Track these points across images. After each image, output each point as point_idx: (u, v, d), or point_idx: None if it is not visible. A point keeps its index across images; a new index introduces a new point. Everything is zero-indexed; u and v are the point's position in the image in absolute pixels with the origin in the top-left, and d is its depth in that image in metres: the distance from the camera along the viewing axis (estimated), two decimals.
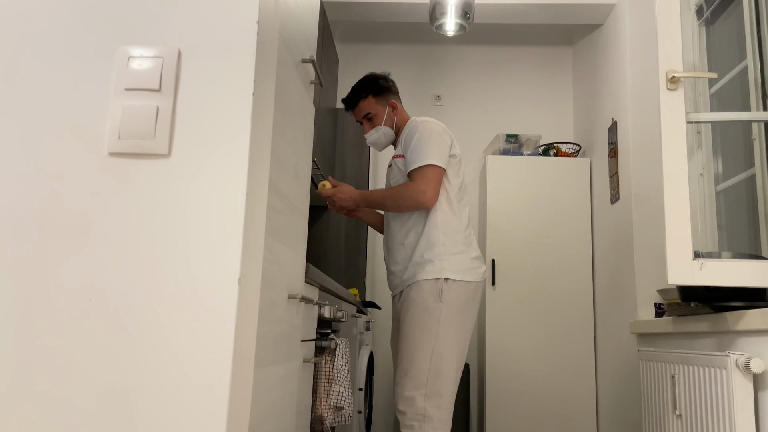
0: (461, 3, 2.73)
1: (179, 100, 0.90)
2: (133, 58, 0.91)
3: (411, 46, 4.59)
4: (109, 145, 0.90)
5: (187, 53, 0.92)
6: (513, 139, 4.06)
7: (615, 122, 3.48)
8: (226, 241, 0.87)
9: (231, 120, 0.90)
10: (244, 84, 0.90)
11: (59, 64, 0.93)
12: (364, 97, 2.25)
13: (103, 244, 0.88)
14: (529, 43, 4.56)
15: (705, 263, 1.85)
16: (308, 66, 1.54)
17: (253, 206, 0.97)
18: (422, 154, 2.09)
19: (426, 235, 2.12)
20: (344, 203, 2.20)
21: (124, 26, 0.93)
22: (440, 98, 4.52)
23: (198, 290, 0.86)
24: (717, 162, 2.88)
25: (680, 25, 1.99)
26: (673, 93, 1.94)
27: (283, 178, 1.25)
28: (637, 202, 3.18)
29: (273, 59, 1.09)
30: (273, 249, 1.15)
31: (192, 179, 0.89)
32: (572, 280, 3.77)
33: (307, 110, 1.55)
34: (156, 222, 0.88)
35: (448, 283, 2.07)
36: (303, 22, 1.49)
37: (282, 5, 1.20)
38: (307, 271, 1.58)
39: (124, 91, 0.90)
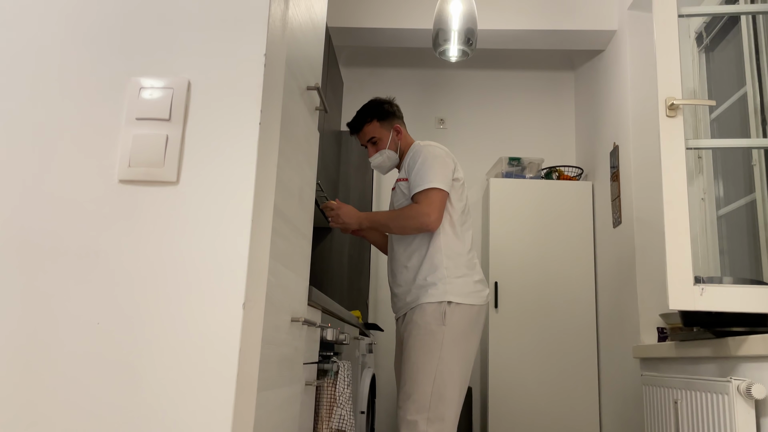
0: (464, 29, 2.78)
1: (188, 129, 0.93)
2: (144, 89, 0.94)
3: (414, 70, 4.65)
4: (119, 173, 0.92)
5: (196, 84, 0.95)
6: (515, 162, 4.09)
7: (616, 146, 3.51)
8: (231, 266, 0.89)
9: (238, 148, 0.93)
10: (251, 114, 0.93)
11: (73, 94, 0.96)
12: (368, 121, 2.29)
13: (111, 269, 0.90)
14: (531, 67, 4.61)
15: (706, 288, 1.86)
16: (313, 93, 1.58)
17: (259, 231, 0.99)
18: (426, 177, 2.11)
19: (429, 258, 2.14)
20: (349, 219, 2.22)
21: (135, 58, 0.97)
22: (443, 121, 4.57)
23: (204, 314, 0.88)
24: (718, 187, 2.90)
25: (679, 53, 2.03)
26: (672, 120, 1.96)
27: (288, 203, 1.28)
28: (639, 226, 3.19)
29: (279, 88, 1.13)
30: (277, 273, 1.17)
31: (199, 206, 0.91)
32: (575, 303, 3.76)
33: (311, 136, 1.58)
34: (164, 247, 0.90)
35: (451, 306, 2.08)
36: (308, 50, 1.53)
37: (288, 34, 1.23)
38: (310, 294, 1.60)
39: (135, 121, 0.93)
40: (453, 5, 2.80)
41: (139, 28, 0.98)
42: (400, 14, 3.67)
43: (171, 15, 0.99)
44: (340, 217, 2.23)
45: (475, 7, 2.84)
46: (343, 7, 3.70)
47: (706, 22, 3.02)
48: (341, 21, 3.69)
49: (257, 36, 0.96)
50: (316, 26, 1.64)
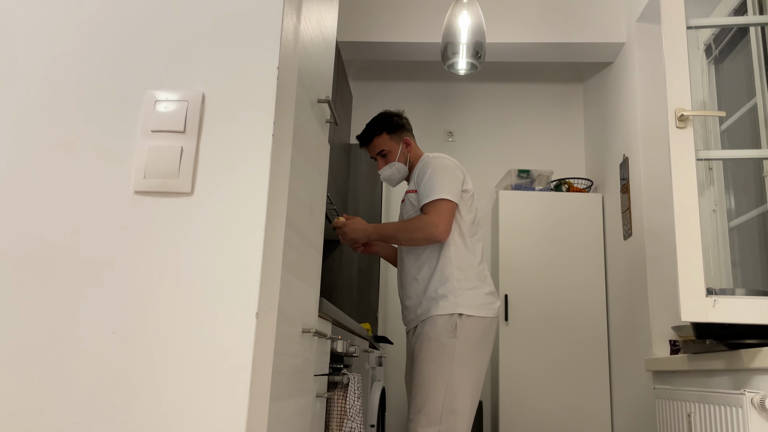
0: (473, 43, 2.80)
1: (202, 141, 0.95)
2: (160, 102, 0.96)
3: (423, 83, 4.67)
4: (135, 184, 0.94)
5: (210, 97, 0.96)
6: (525, 174, 4.09)
7: (626, 158, 3.50)
8: (245, 276, 0.90)
9: (251, 160, 0.94)
10: (264, 126, 0.95)
11: (90, 107, 0.98)
12: (378, 134, 2.30)
13: (127, 279, 0.91)
14: (540, 80, 4.63)
15: (718, 300, 1.85)
16: (324, 105, 1.59)
17: (271, 242, 1.00)
18: (435, 188, 2.12)
19: (440, 269, 2.14)
20: (356, 235, 2.21)
21: (151, 71, 0.98)
22: (452, 134, 4.58)
23: (218, 323, 0.89)
24: (729, 198, 2.88)
25: (688, 64, 2.03)
26: (682, 131, 1.96)
27: (299, 215, 1.29)
28: (650, 237, 3.18)
29: (291, 100, 1.14)
30: (289, 284, 1.17)
31: (213, 216, 0.93)
32: (586, 316, 3.74)
33: (322, 148, 1.60)
34: (178, 257, 0.91)
35: (462, 318, 2.07)
36: (319, 63, 1.55)
37: (300, 48, 1.25)
38: (321, 306, 1.60)
39: (151, 133, 0.95)
40: (461, 19, 2.82)
41: (155, 43, 1.00)
42: (409, 28, 3.70)
43: (186, 29, 1.01)
44: (348, 234, 2.22)
45: (483, 20, 2.86)
46: (353, 21, 3.73)
47: (714, 34, 3.02)
48: (350, 35, 3.72)
49: (270, 49, 0.98)
50: (327, 40, 1.66)
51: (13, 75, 1.01)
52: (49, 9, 1.05)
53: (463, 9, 2.83)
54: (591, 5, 3.65)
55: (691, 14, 2.21)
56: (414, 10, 3.72)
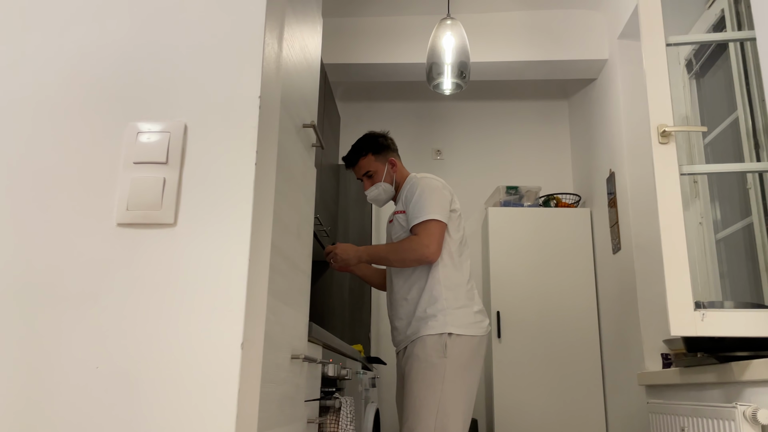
0: (457, 63, 2.83)
1: (185, 171, 0.95)
2: (142, 133, 0.96)
3: (410, 102, 4.71)
4: (117, 216, 0.93)
5: (192, 127, 0.97)
6: (513, 190, 4.12)
7: (612, 173, 3.53)
8: (229, 306, 0.90)
9: (234, 189, 0.94)
10: (246, 155, 0.95)
11: (72, 140, 0.98)
12: (363, 155, 2.31)
13: (111, 312, 0.91)
14: (525, 97, 4.67)
15: (706, 314, 1.86)
16: (309, 130, 1.60)
17: (256, 270, 1.00)
18: (424, 209, 2.13)
19: (429, 290, 2.14)
20: (347, 256, 2.21)
21: (133, 103, 0.99)
22: (440, 152, 4.61)
23: (202, 355, 0.88)
24: (715, 210, 2.91)
25: (668, 81, 2.06)
26: (665, 146, 1.99)
27: (286, 240, 1.29)
28: (639, 251, 3.20)
29: (275, 127, 1.15)
30: (276, 310, 1.17)
31: (197, 247, 0.92)
32: (578, 331, 3.74)
33: (308, 172, 1.60)
34: (162, 289, 0.91)
35: (452, 338, 2.07)
36: (303, 88, 1.56)
37: (283, 75, 1.26)
38: (310, 330, 1.59)
39: (133, 165, 0.95)
40: (445, 40, 2.85)
41: (137, 74, 1.01)
42: (394, 49, 3.73)
43: (167, 61, 1.01)
44: (338, 255, 2.22)
45: (467, 41, 2.90)
46: (338, 44, 3.77)
47: (695, 50, 3.07)
48: (336, 58, 3.75)
49: (252, 79, 0.98)
50: (311, 65, 1.68)
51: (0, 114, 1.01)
52: (31, 42, 1.05)
53: (447, 30, 2.86)
54: (573, 23, 3.70)
55: (670, 31, 2.24)
56: (399, 32, 3.76)
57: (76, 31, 1.04)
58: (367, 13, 3.77)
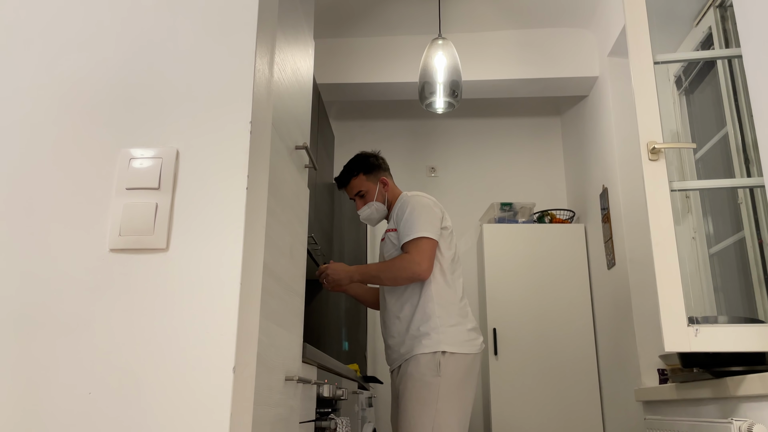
0: (449, 82, 2.85)
1: (177, 196, 0.96)
2: (134, 159, 0.97)
3: (404, 121, 4.74)
4: (110, 242, 0.94)
5: (184, 153, 0.98)
6: (507, 207, 4.13)
7: (606, 189, 3.55)
8: (221, 330, 0.90)
9: (226, 213, 0.95)
10: (238, 179, 0.96)
11: (66, 167, 0.99)
12: (355, 175, 2.33)
13: (103, 338, 0.91)
14: (518, 114, 4.71)
15: (700, 329, 1.86)
16: (302, 151, 1.61)
17: (248, 292, 1.01)
18: (415, 226, 2.13)
19: (421, 307, 2.14)
20: (338, 276, 2.21)
21: (125, 129, 1.00)
22: (435, 170, 4.63)
23: (194, 380, 0.89)
24: (708, 225, 2.93)
25: (657, 98, 2.09)
26: (655, 163, 2.00)
27: (279, 261, 1.29)
28: (633, 267, 3.21)
29: (266, 151, 1.16)
30: (269, 332, 1.17)
31: (189, 271, 0.93)
32: (575, 347, 3.74)
33: (301, 193, 1.61)
34: (154, 314, 0.92)
35: (445, 356, 2.07)
36: (296, 111, 1.57)
37: (275, 99, 1.28)
38: (305, 351, 1.59)
39: (125, 191, 0.96)
40: (437, 59, 2.89)
41: (129, 101, 1.02)
42: (387, 69, 3.77)
43: (158, 87, 1.03)
44: (330, 275, 2.22)
45: (458, 60, 2.93)
46: (332, 64, 3.80)
47: (684, 66, 3.11)
48: (330, 78, 3.79)
49: (243, 105, 1.00)
50: (303, 88, 1.70)
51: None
52: (25, 70, 1.06)
53: (439, 50, 2.89)
54: (563, 41, 3.75)
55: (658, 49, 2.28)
56: (391, 52, 3.80)
57: (69, 59, 1.05)
58: (360, 33, 3.81)
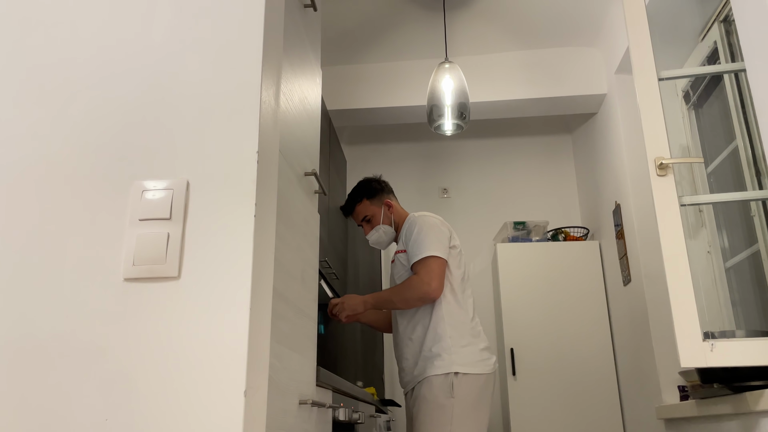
0: (456, 104, 2.89)
1: (188, 226, 0.99)
2: (147, 191, 1.01)
3: (415, 143, 4.78)
4: (124, 271, 0.98)
5: (194, 184, 1.02)
6: (520, 226, 4.14)
7: (618, 205, 3.55)
8: (231, 355, 0.93)
9: (235, 241, 0.98)
10: (246, 208, 0.99)
11: (81, 200, 1.03)
12: (359, 201, 2.36)
13: (118, 365, 0.94)
14: (529, 133, 4.73)
15: (716, 344, 1.85)
16: (311, 177, 1.65)
17: (259, 317, 1.03)
18: (423, 246, 2.15)
19: (433, 328, 2.14)
20: (353, 304, 2.23)
21: (138, 162, 1.04)
22: (447, 191, 4.66)
23: (207, 404, 0.91)
24: (723, 239, 2.91)
25: (663, 114, 2.10)
26: (663, 179, 2.01)
27: (289, 286, 1.32)
28: (649, 282, 3.18)
29: (274, 178, 1.19)
30: (281, 356, 1.19)
31: (200, 298, 0.96)
32: (594, 365, 3.70)
33: (311, 218, 1.64)
34: (167, 341, 0.94)
35: (458, 377, 2.06)
36: (304, 138, 1.61)
37: (282, 126, 1.31)
38: (318, 375, 1.61)
39: (139, 221, 1.00)
40: (444, 83, 2.93)
41: (142, 135, 1.07)
42: (396, 93, 3.82)
43: (169, 121, 1.07)
44: (345, 310, 2.24)
45: (465, 83, 2.97)
46: (342, 90, 3.87)
47: (691, 81, 3.12)
48: (341, 104, 3.85)
49: (250, 135, 1.04)
50: (311, 115, 1.74)
51: (7, 173, 1.07)
52: (43, 109, 1.11)
53: (446, 73, 2.94)
54: (570, 60, 3.78)
55: (664, 64, 2.29)
56: (400, 77, 3.86)
57: (85, 97, 1.10)
58: (369, 60, 3.88)
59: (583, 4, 3.41)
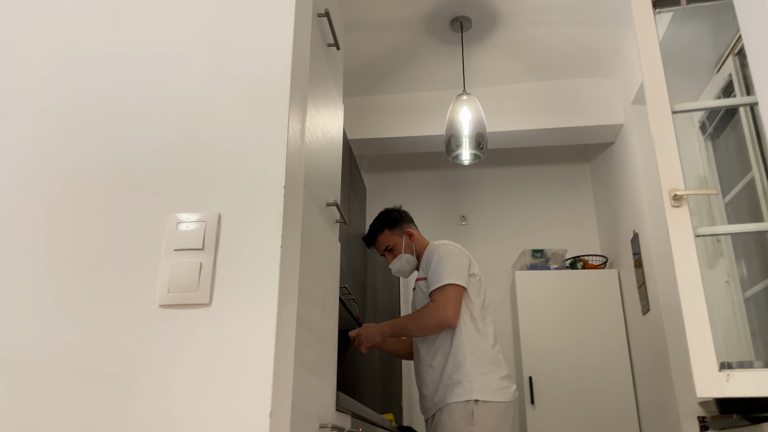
0: (474, 135, 2.96)
1: (219, 256, 1.06)
2: (181, 223, 1.08)
3: (434, 171, 4.85)
4: (160, 298, 1.05)
5: (225, 216, 1.09)
6: (539, 254, 4.16)
7: (636, 234, 3.56)
8: (258, 378, 0.99)
9: (262, 270, 1.05)
10: (273, 238, 1.06)
11: (121, 232, 1.11)
12: (380, 231, 2.43)
13: (153, 387, 1.00)
14: (547, 162, 4.78)
15: (732, 374, 1.86)
16: (332, 208, 1.72)
17: (283, 343, 1.09)
18: (442, 274, 2.20)
19: (453, 355, 2.18)
20: (370, 334, 2.27)
21: (173, 196, 1.12)
22: (465, 218, 4.70)
23: (235, 425, 0.96)
24: (741, 269, 2.90)
25: (677, 146, 2.14)
26: (677, 209, 2.04)
27: (311, 313, 1.38)
28: (667, 312, 3.18)
29: (299, 210, 1.26)
30: (303, 381, 1.25)
31: (229, 324, 1.02)
32: (613, 394, 3.68)
33: (332, 247, 1.70)
34: (199, 364, 1.01)
35: (478, 405, 2.09)
36: (326, 170, 1.68)
37: (306, 159, 1.39)
38: (338, 400, 1.65)
39: (173, 251, 1.07)
40: (462, 114, 3.00)
41: (177, 171, 1.14)
42: (415, 123, 3.91)
43: (202, 157, 1.15)
44: (365, 339, 2.28)
45: (483, 114, 3.04)
46: (363, 120, 3.96)
47: (707, 113, 3.15)
48: (361, 133, 3.94)
49: (277, 171, 1.11)
50: (333, 148, 1.81)
51: (52, 203, 1.16)
52: (85, 146, 1.20)
53: (464, 105, 3.01)
54: (587, 91, 3.84)
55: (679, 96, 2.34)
56: (419, 107, 3.95)
57: (125, 135, 1.19)
58: (389, 91, 3.97)
59: (599, 37, 3.48)
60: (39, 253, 1.12)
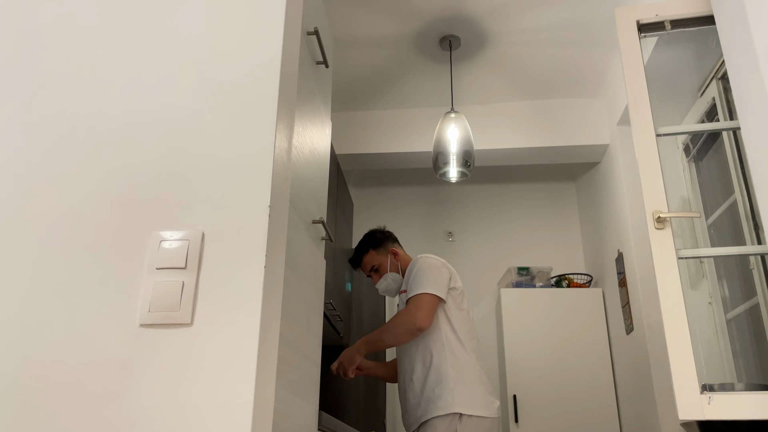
0: (461, 153, 2.97)
1: (202, 275, 1.05)
2: (164, 241, 1.07)
3: (421, 187, 4.86)
4: (140, 317, 1.03)
5: (209, 235, 1.08)
6: (524, 271, 4.17)
7: (621, 253, 3.59)
8: (238, 400, 0.97)
9: (245, 290, 1.04)
10: (257, 260, 1.05)
11: (103, 248, 1.10)
12: (365, 252, 2.44)
13: (132, 408, 0.98)
14: (533, 180, 4.81)
15: (713, 397, 1.87)
16: (318, 225, 1.71)
17: (265, 363, 1.08)
18: (419, 285, 2.19)
19: (435, 368, 2.16)
20: (348, 357, 2.24)
21: (157, 214, 1.11)
22: (452, 234, 4.71)
23: None
24: (723, 290, 2.93)
25: (660, 169, 2.16)
26: (661, 232, 2.06)
27: (295, 331, 1.37)
28: (650, 332, 3.20)
29: (284, 228, 1.26)
30: (284, 401, 1.23)
31: (210, 344, 1.01)
32: (597, 413, 3.68)
33: (318, 265, 1.70)
34: (178, 385, 0.99)
35: (462, 420, 2.07)
36: (312, 187, 1.68)
37: (293, 176, 1.38)
38: (320, 420, 1.64)
39: (155, 270, 1.06)
40: (450, 131, 3.02)
41: (160, 189, 1.14)
42: (403, 139, 3.92)
43: (187, 175, 1.14)
44: (345, 363, 2.25)
45: (470, 132, 3.06)
46: (351, 135, 3.97)
47: (690, 136, 3.20)
48: (349, 148, 3.95)
49: (262, 190, 1.11)
50: (320, 165, 1.81)
51: (34, 220, 1.14)
52: (67, 163, 1.19)
53: (451, 123, 3.03)
54: (573, 111, 3.88)
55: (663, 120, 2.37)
56: (407, 123, 3.96)
57: (109, 152, 1.18)
58: (377, 106, 3.99)
59: (585, 58, 3.53)
60: (19, 269, 1.10)
